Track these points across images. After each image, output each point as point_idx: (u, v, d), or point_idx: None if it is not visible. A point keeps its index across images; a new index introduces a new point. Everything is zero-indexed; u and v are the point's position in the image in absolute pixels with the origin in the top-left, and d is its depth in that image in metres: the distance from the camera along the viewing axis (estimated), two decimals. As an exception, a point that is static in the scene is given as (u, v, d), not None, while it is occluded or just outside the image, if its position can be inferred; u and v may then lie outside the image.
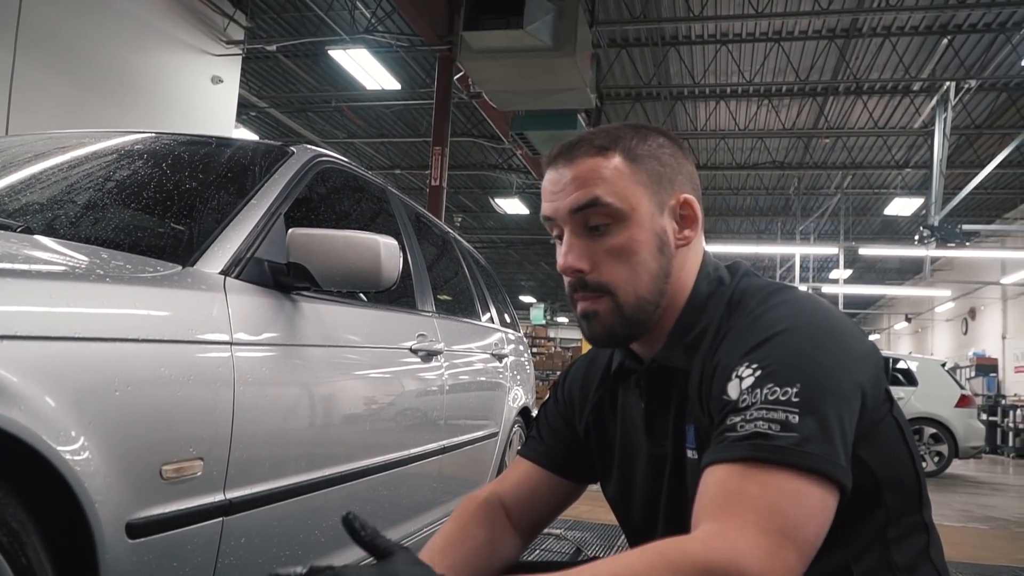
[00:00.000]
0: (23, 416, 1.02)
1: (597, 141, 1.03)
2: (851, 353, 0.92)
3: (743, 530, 0.78)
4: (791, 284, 1.06)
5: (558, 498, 1.24)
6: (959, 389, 9.40)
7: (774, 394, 0.85)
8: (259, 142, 2.21)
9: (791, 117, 13.26)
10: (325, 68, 11.90)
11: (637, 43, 10.97)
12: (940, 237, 11.25)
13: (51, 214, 1.70)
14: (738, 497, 0.81)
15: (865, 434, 0.92)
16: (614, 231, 1.02)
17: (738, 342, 0.94)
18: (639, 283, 1.02)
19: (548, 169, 1.06)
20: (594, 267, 1.02)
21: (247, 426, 1.49)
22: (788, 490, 0.81)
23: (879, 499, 0.96)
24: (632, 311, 1.02)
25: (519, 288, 30.28)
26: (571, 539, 3.90)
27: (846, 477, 0.84)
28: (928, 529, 1.01)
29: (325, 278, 1.74)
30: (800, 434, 0.82)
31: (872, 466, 0.94)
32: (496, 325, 3.79)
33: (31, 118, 5.99)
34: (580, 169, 1.02)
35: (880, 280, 24.74)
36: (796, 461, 0.81)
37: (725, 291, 1.05)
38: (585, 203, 1.01)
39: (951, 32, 10.03)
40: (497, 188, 17.69)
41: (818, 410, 0.84)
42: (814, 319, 0.94)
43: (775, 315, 0.94)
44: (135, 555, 1.21)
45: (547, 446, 1.24)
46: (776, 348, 0.90)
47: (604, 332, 1.04)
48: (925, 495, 1.02)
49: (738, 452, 0.84)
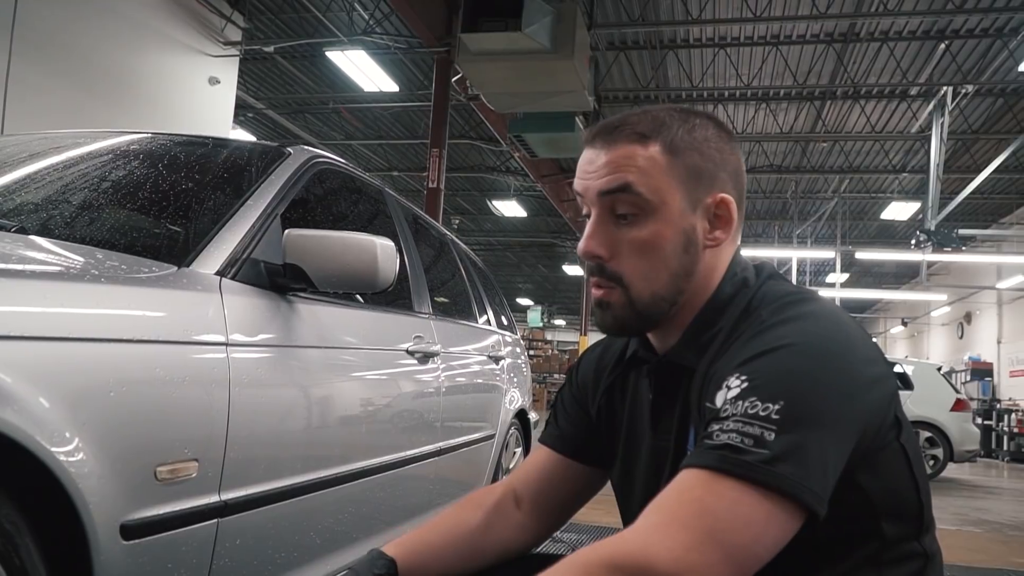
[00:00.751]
0: (17, 417, 1.01)
1: (640, 127, 0.99)
2: (856, 379, 0.88)
3: (665, 526, 0.79)
4: (816, 295, 1.01)
5: (576, 484, 1.22)
6: (954, 393, 9.41)
7: (754, 408, 0.83)
8: (256, 143, 2.20)
9: (789, 121, 13.29)
10: (323, 69, 11.90)
11: (635, 46, 11.00)
12: (936, 241, 11.27)
13: (46, 214, 1.70)
14: (678, 497, 0.81)
15: (866, 461, 0.90)
16: (640, 223, 0.99)
17: (739, 351, 0.92)
18: (656, 280, 1.00)
19: (587, 146, 1.03)
20: (613, 256, 1.00)
21: (242, 427, 1.48)
22: (729, 497, 0.80)
23: (876, 528, 0.93)
24: (645, 307, 1.00)
25: (516, 291, 30.30)
26: (566, 541, 3.90)
27: (816, 501, 0.81)
28: (927, 555, 0.98)
29: (321, 279, 1.73)
30: (771, 452, 0.80)
31: (871, 494, 0.91)
32: (493, 327, 3.79)
33: (27, 120, 5.97)
34: (616, 153, 0.99)
35: (876, 284, 24.79)
36: (759, 479, 0.80)
37: (746, 294, 1.01)
38: (615, 187, 0.98)
39: (948, 37, 10.07)
40: (495, 190, 17.70)
41: (797, 431, 0.82)
42: (824, 339, 0.89)
43: (783, 330, 0.91)
44: (129, 557, 1.20)
45: (562, 431, 1.23)
46: (769, 363, 0.87)
47: (615, 323, 1.03)
48: (927, 519, 0.98)
49: (706, 460, 0.83)
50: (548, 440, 1.24)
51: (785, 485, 0.80)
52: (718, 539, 0.78)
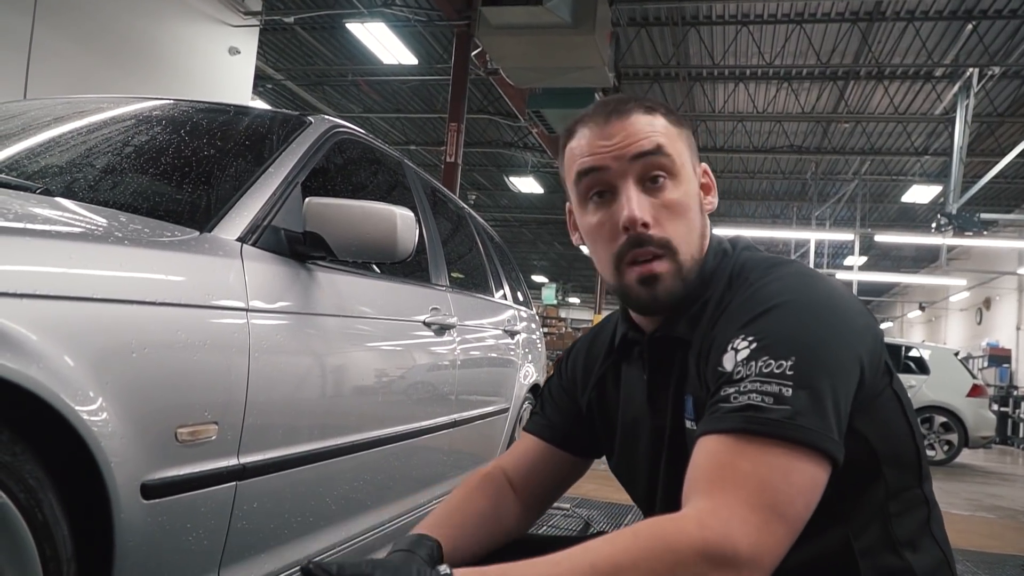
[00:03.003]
0: (42, 374, 1.03)
1: (644, 103, 1.05)
2: (851, 326, 0.92)
3: (734, 507, 0.79)
4: (792, 258, 1.06)
5: (562, 472, 1.25)
6: (971, 378, 9.36)
7: (768, 367, 0.85)
8: (277, 111, 2.20)
9: (811, 101, 13.12)
10: (342, 41, 11.85)
11: (657, 22, 10.86)
12: (958, 225, 11.14)
13: (70, 177, 1.70)
14: (731, 472, 0.82)
15: (863, 407, 0.92)
16: (670, 186, 1.02)
17: (736, 314, 0.94)
18: (693, 242, 1.03)
19: (591, 124, 1.05)
20: (656, 221, 1.00)
21: (261, 392, 1.49)
22: (779, 465, 0.81)
23: (878, 473, 0.96)
24: (688, 272, 1.02)
25: (532, 268, 30.26)
26: (580, 515, 3.92)
27: (838, 451, 0.84)
28: (928, 503, 1.01)
29: (341, 248, 1.74)
30: (793, 407, 0.83)
31: (871, 439, 0.94)
32: (509, 302, 3.79)
33: (48, 85, 5.98)
34: (637, 123, 1.02)
35: (895, 268, 24.58)
36: (788, 434, 0.82)
37: (727, 264, 1.05)
38: (650, 149, 1.00)
39: (976, 17, 9.88)
40: (512, 166, 17.63)
41: (812, 384, 0.84)
42: (814, 292, 0.93)
43: (774, 288, 0.94)
44: (149, 516, 1.22)
45: (550, 420, 1.25)
46: (773, 321, 0.90)
47: (668, 297, 1.02)
48: (925, 469, 1.01)
49: (731, 424, 0.84)
50: (535, 429, 1.26)
51: (812, 438, 0.82)
52: (780, 512, 0.80)
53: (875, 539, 0.94)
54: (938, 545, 0.99)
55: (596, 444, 1.24)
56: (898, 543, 0.95)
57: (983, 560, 3.91)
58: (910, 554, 0.95)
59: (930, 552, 0.98)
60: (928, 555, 0.97)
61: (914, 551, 0.96)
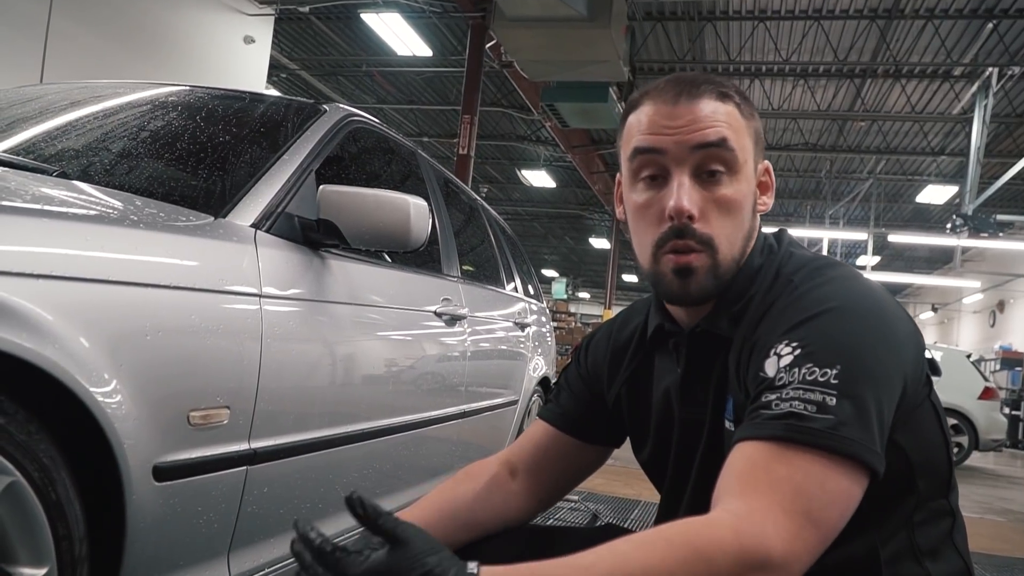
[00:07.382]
0: (57, 354, 1.03)
1: (719, 87, 0.99)
2: (898, 336, 0.89)
3: (769, 511, 0.78)
4: (838, 259, 1.02)
5: (574, 460, 1.23)
6: (983, 381, 9.30)
7: (812, 374, 0.83)
8: (292, 99, 2.21)
9: (827, 99, 13.02)
10: (357, 32, 11.85)
11: (673, 17, 10.80)
12: (973, 227, 11.04)
13: (86, 160, 1.71)
14: (765, 476, 0.80)
15: (904, 419, 0.90)
16: (725, 181, 0.97)
17: (780, 318, 0.92)
18: (736, 242, 0.99)
19: (658, 101, 0.99)
20: (702, 216, 0.96)
21: (273, 378, 1.50)
22: (815, 472, 0.79)
23: (912, 485, 0.94)
24: (725, 271, 0.98)
25: (542, 262, 30.24)
26: (588, 508, 3.92)
27: (879, 463, 0.82)
28: (954, 513, 0.99)
29: (354, 236, 1.74)
30: (836, 417, 0.81)
31: (908, 452, 0.92)
32: (520, 294, 3.79)
33: (65, 70, 6.02)
34: (706, 109, 0.96)
35: (908, 268, 24.41)
36: (829, 444, 0.80)
37: (773, 262, 1.02)
38: (714, 141, 0.95)
39: (996, 16, 9.77)
40: (524, 160, 17.60)
41: (857, 394, 0.82)
42: (863, 300, 0.90)
43: (821, 293, 0.91)
44: (161, 498, 1.23)
45: (564, 408, 1.24)
46: (819, 328, 0.87)
47: (700, 292, 0.99)
48: (953, 480, 1.00)
49: (771, 431, 0.82)
50: (548, 416, 1.24)
51: (855, 449, 0.80)
52: (814, 519, 0.78)
53: (900, 548, 0.94)
54: (960, 556, 0.98)
55: (612, 434, 1.22)
56: (920, 552, 0.94)
57: (992, 563, 3.88)
58: (931, 563, 0.94)
59: (951, 562, 0.97)
60: (949, 565, 0.96)
61: (935, 560, 0.95)
